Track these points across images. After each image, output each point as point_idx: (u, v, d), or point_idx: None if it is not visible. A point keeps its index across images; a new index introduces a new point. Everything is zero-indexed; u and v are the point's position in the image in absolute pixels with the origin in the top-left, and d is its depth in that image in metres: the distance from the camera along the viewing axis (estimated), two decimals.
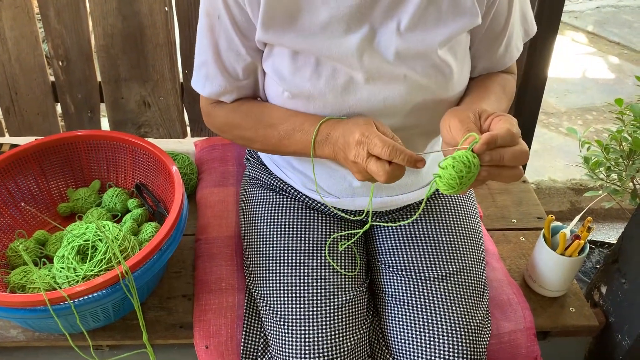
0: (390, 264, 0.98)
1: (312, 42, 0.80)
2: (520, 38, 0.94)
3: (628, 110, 1.28)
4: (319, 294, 0.91)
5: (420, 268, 0.95)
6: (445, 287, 0.93)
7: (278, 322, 0.92)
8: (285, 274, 0.94)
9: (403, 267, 0.96)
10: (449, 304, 0.92)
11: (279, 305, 0.92)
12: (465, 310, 0.92)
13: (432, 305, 0.92)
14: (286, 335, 0.90)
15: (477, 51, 0.91)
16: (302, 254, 0.95)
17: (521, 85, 1.45)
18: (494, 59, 0.92)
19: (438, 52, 0.81)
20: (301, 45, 0.80)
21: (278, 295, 0.93)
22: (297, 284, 0.92)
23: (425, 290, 0.93)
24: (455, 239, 0.99)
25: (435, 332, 0.90)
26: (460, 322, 0.90)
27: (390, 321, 0.95)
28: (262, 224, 1.01)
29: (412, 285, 0.94)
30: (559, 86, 2.67)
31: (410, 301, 0.93)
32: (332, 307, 0.91)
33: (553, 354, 1.14)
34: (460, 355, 0.89)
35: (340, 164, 0.84)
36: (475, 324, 0.92)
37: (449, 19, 0.80)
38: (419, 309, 0.92)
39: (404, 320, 0.93)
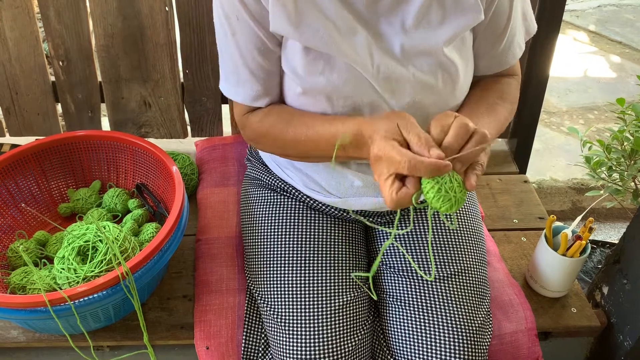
0: (392, 265, 0.98)
1: (320, 39, 0.79)
2: (523, 36, 0.93)
3: (629, 109, 1.28)
4: (320, 295, 0.91)
5: (422, 268, 0.95)
6: (447, 288, 0.93)
7: (279, 323, 0.91)
8: (286, 275, 0.94)
9: (404, 268, 0.96)
10: (450, 305, 0.91)
11: (279, 306, 0.92)
12: (467, 310, 0.92)
13: (433, 305, 0.92)
14: (287, 335, 0.90)
15: (480, 49, 0.90)
16: (303, 255, 0.95)
17: (523, 84, 1.43)
18: (496, 57, 0.92)
19: (444, 50, 0.81)
20: (310, 42, 0.80)
21: (279, 295, 0.93)
22: (298, 285, 0.92)
23: (426, 291, 0.93)
24: (457, 239, 0.98)
25: (436, 333, 0.90)
26: (462, 323, 0.90)
27: (391, 321, 0.94)
28: (263, 224, 1.01)
29: (413, 286, 0.94)
30: (560, 85, 2.67)
31: (411, 301, 0.93)
32: (333, 308, 0.90)
33: (554, 355, 1.13)
34: (462, 355, 0.89)
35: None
36: (477, 325, 0.91)
37: (453, 16, 0.80)
38: (420, 310, 0.92)
39: (405, 320, 0.93)
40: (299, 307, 0.90)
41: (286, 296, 0.92)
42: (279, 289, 0.93)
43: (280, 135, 0.87)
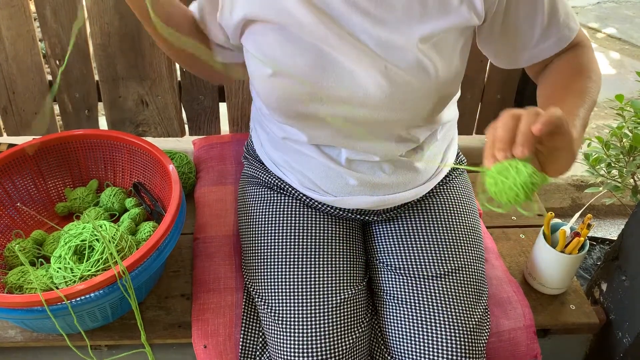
0: (389, 262, 0.97)
1: (294, 21, 0.79)
2: (571, 17, 0.86)
3: (628, 106, 1.27)
4: (317, 292, 0.91)
5: (419, 266, 0.95)
6: (444, 285, 0.93)
7: (276, 321, 0.91)
8: (284, 273, 0.93)
9: (401, 265, 0.96)
10: (447, 302, 0.91)
11: (277, 304, 0.92)
12: (464, 308, 0.91)
13: (430, 303, 0.91)
14: (285, 334, 0.89)
15: (523, 34, 0.85)
16: (301, 253, 0.95)
17: (522, 82, 1.44)
18: (549, 36, 0.85)
19: (419, 46, 0.80)
20: (284, 22, 0.80)
21: (276, 294, 0.93)
22: (296, 283, 0.92)
23: (423, 288, 0.93)
24: (454, 237, 0.98)
25: (434, 330, 0.90)
26: (459, 320, 0.90)
27: (388, 319, 0.94)
28: (260, 222, 1.01)
29: (410, 283, 0.94)
30: None
31: (408, 299, 0.93)
32: (330, 306, 0.90)
33: (553, 352, 1.13)
34: (459, 353, 0.88)
35: None
36: (474, 322, 0.91)
37: (434, 15, 0.79)
38: (418, 307, 0.92)
39: (403, 318, 0.92)
40: (296, 305, 0.90)
41: (283, 294, 0.92)
42: (276, 287, 0.93)
43: None
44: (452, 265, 0.95)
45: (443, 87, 0.85)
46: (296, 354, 0.88)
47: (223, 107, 1.40)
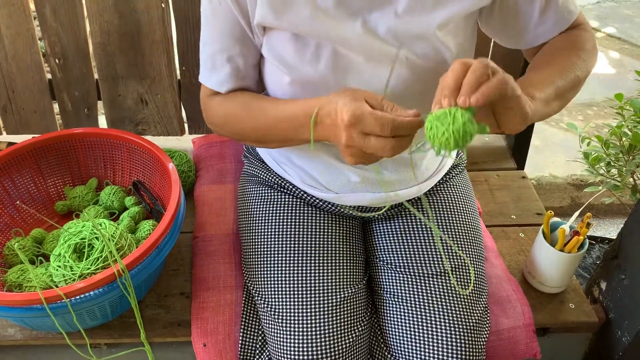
0: (389, 261, 0.97)
1: (311, 25, 0.79)
2: (571, 0, 0.86)
3: (628, 105, 1.27)
4: (317, 291, 0.91)
5: (419, 264, 0.95)
6: (444, 284, 0.93)
7: (276, 320, 0.91)
8: (283, 271, 0.93)
9: (401, 264, 0.96)
10: (447, 301, 0.91)
11: (277, 303, 0.92)
12: (464, 306, 0.91)
13: (430, 301, 0.91)
14: (284, 332, 0.89)
15: (524, 18, 0.85)
16: (300, 251, 0.94)
17: (523, 74, 1.43)
18: (549, 19, 0.86)
19: (437, 33, 0.80)
20: (301, 29, 0.80)
21: (276, 292, 0.93)
22: (295, 281, 0.92)
23: (423, 287, 0.93)
24: (454, 235, 0.98)
25: (434, 329, 0.90)
26: (459, 319, 0.90)
27: (388, 318, 0.94)
28: (260, 221, 1.01)
29: (410, 282, 0.94)
30: None
31: (408, 298, 0.93)
32: (330, 304, 0.90)
33: (553, 351, 1.13)
34: (459, 351, 0.88)
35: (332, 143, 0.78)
36: (474, 321, 0.91)
37: (449, 0, 0.79)
38: (417, 306, 0.92)
39: (402, 316, 0.92)
40: (296, 303, 0.90)
41: (283, 293, 0.92)
42: (276, 285, 0.93)
43: (238, 120, 0.88)
44: (452, 263, 0.95)
45: None
46: (296, 353, 0.88)
47: None
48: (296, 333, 0.89)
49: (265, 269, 0.96)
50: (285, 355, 0.89)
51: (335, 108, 0.71)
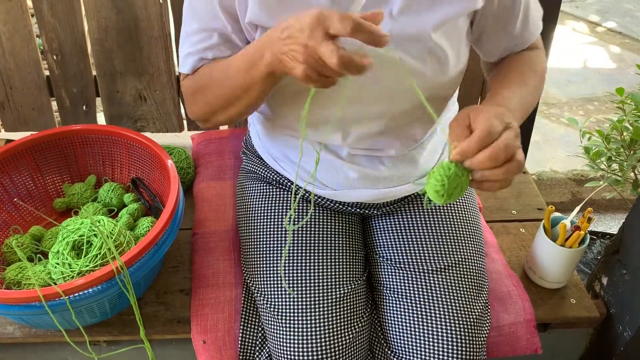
0: (389, 257, 0.97)
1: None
2: (539, 13, 0.91)
3: (629, 99, 1.27)
4: (316, 287, 0.91)
5: (419, 260, 0.94)
6: (444, 280, 0.92)
7: (276, 316, 0.91)
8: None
9: (401, 260, 0.95)
10: (447, 297, 0.91)
11: (276, 299, 0.91)
12: (464, 302, 0.91)
13: (430, 297, 0.91)
14: (284, 329, 0.89)
15: (494, 31, 0.88)
16: (299, 247, 0.94)
17: None
18: (515, 38, 0.90)
19: (432, 35, 0.80)
20: None
21: (275, 289, 0.92)
22: (294, 278, 0.92)
23: (423, 283, 0.92)
24: (454, 231, 0.98)
25: (434, 325, 0.89)
26: (459, 315, 0.90)
27: (388, 314, 0.94)
28: (258, 217, 1.00)
29: (410, 278, 0.94)
30: (560, 76, 2.65)
31: (408, 294, 0.92)
32: (330, 301, 0.90)
33: (554, 346, 1.13)
34: (460, 347, 0.88)
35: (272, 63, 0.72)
36: (475, 316, 0.91)
37: (444, 2, 0.79)
38: (418, 302, 0.91)
39: (403, 313, 0.92)
40: (295, 300, 0.90)
41: (282, 289, 0.91)
42: (275, 282, 0.93)
43: (206, 84, 0.86)
44: (453, 259, 0.94)
45: (453, 75, 0.86)
46: (296, 349, 0.87)
47: None
48: (296, 329, 0.88)
49: (264, 265, 0.95)
50: (285, 352, 0.88)
51: (295, 18, 0.66)
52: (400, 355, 0.91)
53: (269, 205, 1.00)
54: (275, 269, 0.94)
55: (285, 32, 0.67)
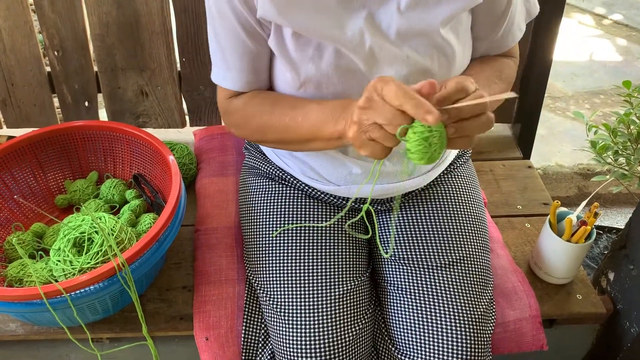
0: (392, 253, 0.96)
1: (312, 24, 0.77)
2: (523, 18, 0.91)
3: (636, 92, 1.25)
4: (319, 284, 0.90)
5: (423, 256, 0.93)
6: (449, 275, 0.91)
7: (278, 313, 0.90)
8: (286, 264, 0.92)
9: (405, 256, 0.94)
10: (452, 293, 0.90)
11: (279, 296, 0.91)
12: (469, 298, 0.90)
13: (435, 293, 0.90)
14: (287, 326, 0.88)
15: (480, 32, 0.88)
16: (302, 244, 0.93)
17: (526, 68, 1.41)
18: (496, 41, 0.90)
19: (440, 31, 0.79)
20: (302, 26, 0.78)
21: (278, 285, 0.92)
22: (298, 274, 0.91)
23: (428, 279, 0.91)
24: (459, 226, 0.97)
25: (439, 321, 0.88)
26: (464, 311, 0.89)
27: (392, 310, 0.93)
28: (261, 213, 0.99)
29: (414, 274, 0.93)
30: (565, 70, 2.63)
31: (412, 290, 0.92)
32: (333, 297, 0.89)
33: (560, 342, 1.12)
34: (465, 344, 0.87)
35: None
36: (480, 313, 0.90)
37: None
38: (422, 298, 0.90)
39: (407, 309, 0.91)
40: (298, 296, 0.89)
41: (285, 286, 0.91)
42: (278, 278, 0.92)
43: (261, 121, 0.85)
44: (457, 255, 0.93)
45: (459, 69, 0.85)
46: (299, 346, 0.87)
47: None
48: (298, 326, 0.87)
49: (266, 261, 0.95)
50: (287, 348, 0.88)
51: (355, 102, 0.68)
52: (404, 351, 0.90)
53: (272, 200, 1.00)
54: (277, 265, 0.93)
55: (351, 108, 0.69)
